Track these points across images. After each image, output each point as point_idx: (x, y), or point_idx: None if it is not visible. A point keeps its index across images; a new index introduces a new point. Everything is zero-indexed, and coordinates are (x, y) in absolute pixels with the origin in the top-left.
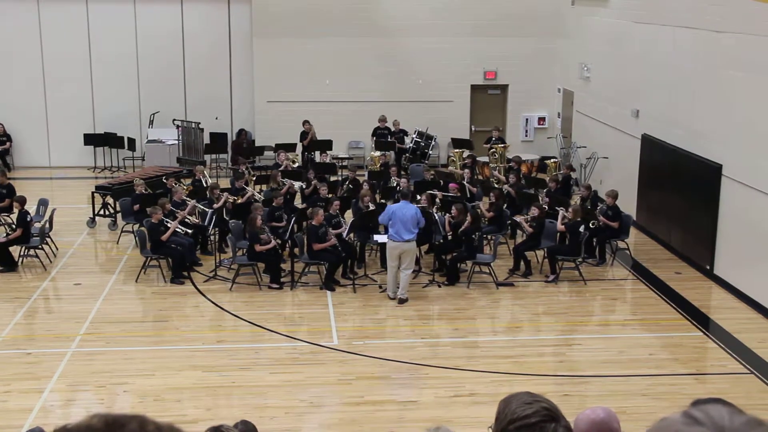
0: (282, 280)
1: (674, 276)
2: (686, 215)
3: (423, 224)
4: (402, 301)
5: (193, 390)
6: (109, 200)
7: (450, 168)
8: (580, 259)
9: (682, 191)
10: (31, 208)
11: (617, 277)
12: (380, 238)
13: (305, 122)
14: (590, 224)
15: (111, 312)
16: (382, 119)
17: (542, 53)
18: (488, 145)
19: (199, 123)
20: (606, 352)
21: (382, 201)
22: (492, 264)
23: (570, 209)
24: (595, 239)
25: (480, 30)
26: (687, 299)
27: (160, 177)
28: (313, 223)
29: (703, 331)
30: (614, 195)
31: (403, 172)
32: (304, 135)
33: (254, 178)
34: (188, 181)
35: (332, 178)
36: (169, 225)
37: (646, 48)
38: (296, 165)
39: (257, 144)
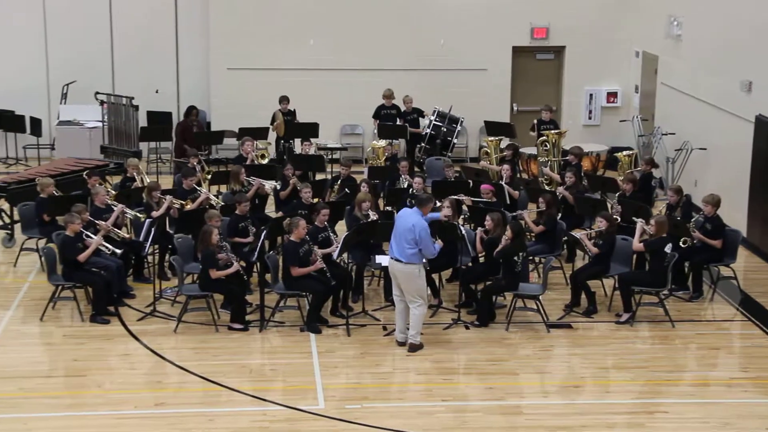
0: (248, 318)
1: None
2: None
3: (432, 250)
4: (413, 348)
5: None
6: (4, 205)
7: (483, 163)
8: (665, 292)
9: None
10: None
11: (719, 317)
12: (384, 260)
13: (283, 99)
14: (680, 242)
15: (5, 363)
16: (389, 95)
17: (613, 2)
18: (536, 132)
19: (133, 98)
20: (704, 423)
21: (388, 208)
22: (541, 297)
23: (652, 221)
24: (687, 263)
25: None
26: None
27: (77, 173)
28: (292, 238)
29: None
30: (715, 202)
31: (417, 169)
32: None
33: (209, 176)
34: (117, 179)
35: (318, 177)
36: (89, 240)
37: None
38: (268, 158)
39: (213, 128)
